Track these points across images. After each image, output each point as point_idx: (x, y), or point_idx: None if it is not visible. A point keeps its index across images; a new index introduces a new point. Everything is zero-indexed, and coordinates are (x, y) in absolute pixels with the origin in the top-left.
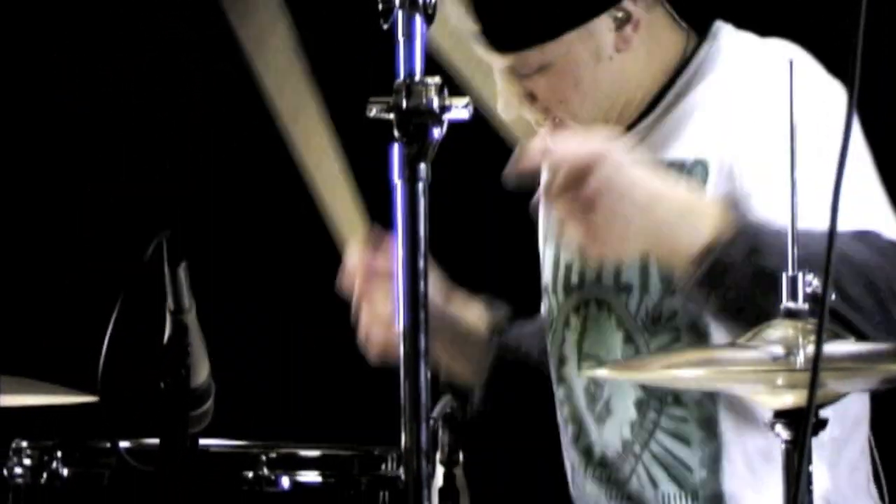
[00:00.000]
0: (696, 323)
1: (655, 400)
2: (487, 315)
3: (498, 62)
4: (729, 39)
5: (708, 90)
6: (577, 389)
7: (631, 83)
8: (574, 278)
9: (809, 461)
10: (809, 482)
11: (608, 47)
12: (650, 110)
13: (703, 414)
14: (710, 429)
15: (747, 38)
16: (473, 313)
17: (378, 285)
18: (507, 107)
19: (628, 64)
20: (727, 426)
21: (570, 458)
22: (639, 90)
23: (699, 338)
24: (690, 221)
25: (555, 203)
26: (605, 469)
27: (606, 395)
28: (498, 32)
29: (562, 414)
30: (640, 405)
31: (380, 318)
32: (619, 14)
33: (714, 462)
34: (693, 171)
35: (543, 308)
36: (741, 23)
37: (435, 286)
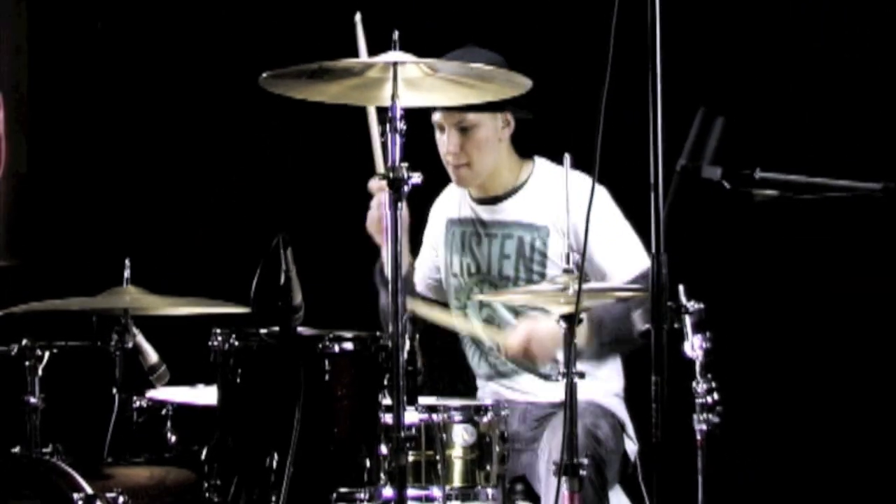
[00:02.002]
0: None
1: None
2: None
3: (449, 119)
4: (545, 165)
5: (538, 189)
6: (477, 320)
7: (499, 166)
8: (473, 269)
9: (575, 338)
10: (577, 353)
11: (498, 135)
12: (507, 197)
13: None
14: None
15: (553, 167)
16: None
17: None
18: (445, 151)
19: (502, 154)
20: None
21: (470, 352)
22: (502, 174)
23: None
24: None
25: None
26: (489, 356)
27: (497, 321)
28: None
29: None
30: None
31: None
32: (504, 119)
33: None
34: (540, 230)
35: (451, 285)
36: (551, 156)
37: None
